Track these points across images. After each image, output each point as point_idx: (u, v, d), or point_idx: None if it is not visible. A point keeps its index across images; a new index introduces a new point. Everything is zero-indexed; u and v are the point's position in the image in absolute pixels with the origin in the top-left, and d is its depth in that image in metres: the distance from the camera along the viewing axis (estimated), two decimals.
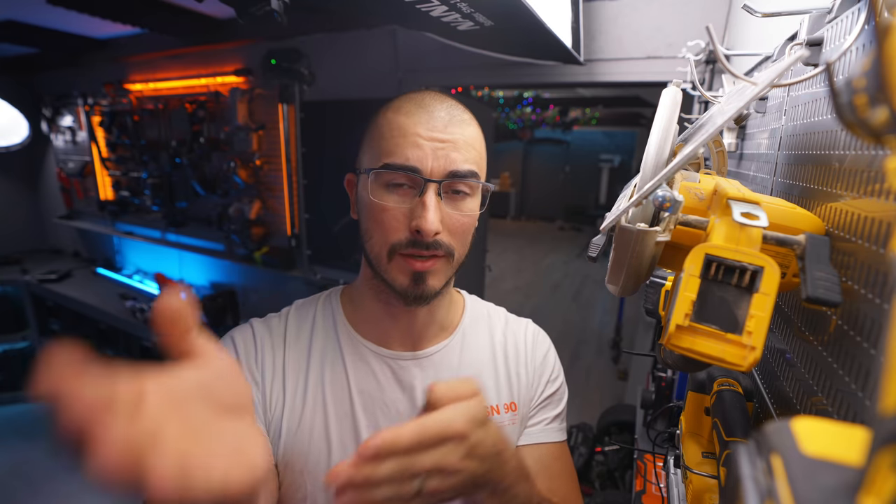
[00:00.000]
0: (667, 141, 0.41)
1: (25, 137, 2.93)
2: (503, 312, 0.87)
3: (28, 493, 2.79)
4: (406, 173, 0.62)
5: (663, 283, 0.67)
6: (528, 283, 6.72)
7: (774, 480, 0.16)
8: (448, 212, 0.64)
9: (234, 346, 0.69)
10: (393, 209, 0.63)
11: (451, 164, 0.63)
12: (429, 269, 0.65)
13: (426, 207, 0.61)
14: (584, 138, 11.22)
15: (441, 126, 0.63)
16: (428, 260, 0.64)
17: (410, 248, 0.63)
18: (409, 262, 0.64)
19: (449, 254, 0.66)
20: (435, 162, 0.62)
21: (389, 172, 0.62)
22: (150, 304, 3.12)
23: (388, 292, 0.68)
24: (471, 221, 0.67)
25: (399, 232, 0.63)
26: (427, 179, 0.62)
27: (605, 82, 1.88)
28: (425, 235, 0.61)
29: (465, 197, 0.66)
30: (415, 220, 0.61)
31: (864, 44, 0.39)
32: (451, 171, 0.63)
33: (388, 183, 0.63)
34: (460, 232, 0.66)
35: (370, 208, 0.64)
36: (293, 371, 0.70)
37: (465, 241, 0.68)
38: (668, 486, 0.74)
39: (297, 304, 0.78)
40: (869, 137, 0.20)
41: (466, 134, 0.65)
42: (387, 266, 0.65)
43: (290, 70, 2.45)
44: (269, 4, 0.86)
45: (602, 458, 2.15)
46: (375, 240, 0.65)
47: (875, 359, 0.33)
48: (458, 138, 0.64)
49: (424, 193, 0.62)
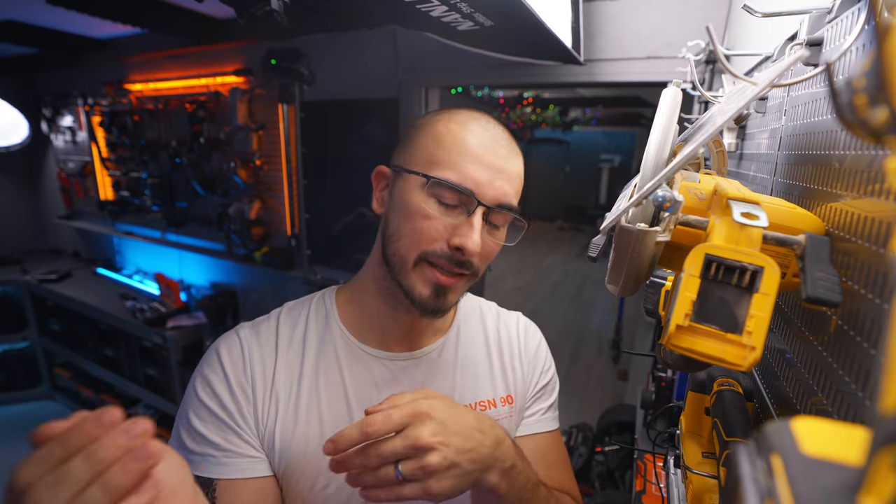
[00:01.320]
0: (667, 141, 0.41)
1: (25, 137, 2.93)
2: (494, 306, 0.89)
3: None
4: (463, 193, 0.62)
5: (663, 283, 0.67)
6: (528, 284, 6.72)
7: (774, 480, 0.16)
8: (485, 237, 0.65)
9: (220, 362, 0.67)
10: (436, 220, 0.63)
11: (502, 196, 0.64)
12: (452, 286, 0.66)
13: (473, 228, 0.62)
14: (584, 138, 11.22)
15: (503, 155, 0.65)
16: (453, 277, 0.65)
17: (443, 260, 0.63)
18: (435, 273, 0.64)
19: (474, 274, 0.67)
20: (490, 189, 0.63)
21: (445, 186, 0.62)
22: (150, 304, 3.12)
23: (399, 296, 0.68)
24: (498, 248, 0.69)
25: (436, 242, 0.63)
26: (480, 203, 0.62)
27: (605, 82, 1.88)
28: (467, 255, 0.62)
29: (501, 226, 0.68)
30: (458, 238, 0.62)
31: (864, 44, 0.39)
32: (500, 203, 0.64)
33: (440, 193, 0.63)
34: (488, 257, 0.68)
35: (410, 211, 0.64)
36: (286, 379, 0.68)
37: (486, 264, 0.70)
38: (668, 486, 0.74)
39: (287, 306, 0.76)
40: (869, 137, 0.20)
41: (519, 168, 0.68)
42: (409, 271, 0.65)
43: (290, 70, 2.45)
44: (269, 4, 0.86)
45: (602, 458, 2.14)
46: (404, 243, 0.64)
47: (875, 359, 0.33)
48: (513, 172, 0.66)
49: (473, 215, 0.62)
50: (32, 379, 3.77)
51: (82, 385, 3.55)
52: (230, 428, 0.64)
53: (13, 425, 3.44)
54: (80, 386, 3.56)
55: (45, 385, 3.78)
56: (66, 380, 3.67)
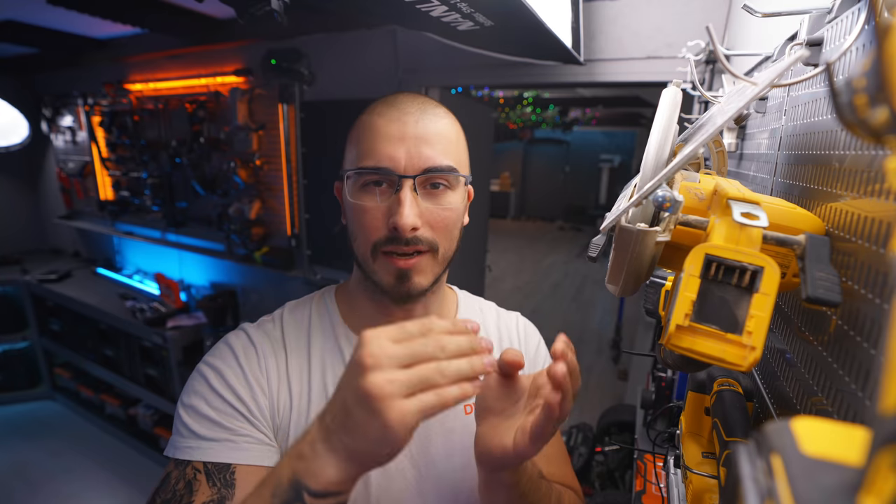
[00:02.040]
0: (667, 141, 0.41)
1: (25, 137, 2.93)
2: (493, 306, 0.89)
3: (28, 493, 2.79)
4: (380, 174, 0.63)
5: (663, 283, 0.67)
6: (528, 283, 6.73)
7: (774, 480, 0.16)
8: (427, 206, 0.64)
9: (233, 353, 0.67)
10: (372, 208, 0.64)
11: (425, 161, 0.63)
12: (412, 266, 0.65)
13: (401, 203, 0.61)
14: (584, 138, 11.23)
15: (412, 122, 0.64)
16: (412, 258, 0.65)
17: (391, 245, 0.64)
18: (392, 260, 0.65)
19: (432, 249, 0.66)
20: (408, 160, 0.62)
21: (365, 173, 0.63)
22: (150, 304, 3.12)
23: (378, 292, 0.69)
24: (453, 215, 0.67)
25: (378, 230, 0.64)
26: (400, 176, 0.62)
27: (605, 82, 1.88)
28: (402, 231, 0.62)
29: (444, 190, 0.66)
30: (392, 218, 0.62)
31: (864, 44, 0.39)
32: (426, 168, 0.63)
33: (366, 183, 0.64)
34: (442, 226, 0.66)
35: (352, 210, 0.66)
36: (296, 374, 0.69)
37: (450, 236, 0.68)
38: (668, 486, 0.74)
39: (288, 305, 0.77)
40: (869, 137, 0.20)
41: (439, 127, 0.65)
42: (373, 266, 0.66)
43: (290, 70, 2.45)
44: (269, 4, 0.86)
45: (602, 458, 2.14)
46: (360, 240, 0.66)
47: (875, 359, 0.33)
48: (430, 133, 0.64)
49: (400, 190, 0.62)
50: (32, 379, 3.77)
51: (82, 385, 3.55)
52: (246, 418, 0.63)
53: (13, 425, 3.44)
54: (80, 386, 3.56)
55: (45, 385, 3.78)
56: (66, 380, 3.67)
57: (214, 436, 0.61)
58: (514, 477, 0.58)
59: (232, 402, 0.63)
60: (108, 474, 2.97)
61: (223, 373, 0.65)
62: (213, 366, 0.66)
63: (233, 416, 0.63)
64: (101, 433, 3.40)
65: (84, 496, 2.79)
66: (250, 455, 0.61)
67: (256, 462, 0.61)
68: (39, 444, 3.23)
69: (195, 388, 0.65)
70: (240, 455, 0.61)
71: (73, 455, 3.13)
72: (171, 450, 0.62)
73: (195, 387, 0.65)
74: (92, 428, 3.45)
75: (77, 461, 3.07)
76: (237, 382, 0.65)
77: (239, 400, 0.64)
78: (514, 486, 0.59)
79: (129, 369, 3.16)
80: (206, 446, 0.60)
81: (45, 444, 3.24)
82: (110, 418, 3.41)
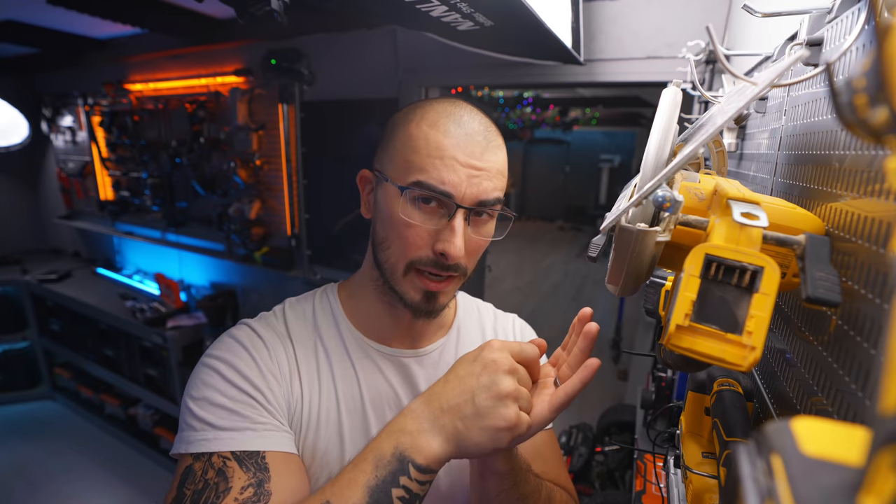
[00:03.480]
0: (667, 141, 0.41)
1: (25, 137, 2.93)
2: (490, 308, 0.91)
3: (28, 493, 2.79)
4: (439, 197, 0.61)
5: (663, 283, 0.67)
6: (527, 283, 6.72)
7: (774, 480, 0.16)
8: (469, 235, 0.64)
9: (242, 346, 0.65)
10: (419, 227, 0.63)
11: (482, 194, 0.63)
12: (443, 290, 0.66)
13: (454, 233, 0.61)
14: (584, 138, 11.23)
15: (479, 152, 0.63)
16: (444, 281, 0.65)
17: (430, 266, 0.64)
18: (423, 280, 0.65)
19: (463, 274, 0.67)
20: (468, 189, 0.62)
21: (421, 191, 0.62)
22: (150, 304, 3.12)
23: (394, 299, 0.69)
24: (487, 243, 0.68)
25: (421, 250, 0.63)
26: (458, 206, 0.61)
27: (605, 82, 1.88)
28: (450, 260, 0.62)
29: (487, 219, 0.67)
30: (440, 244, 0.62)
31: (864, 44, 0.39)
32: (481, 201, 0.63)
33: (417, 200, 0.63)
34: (476, 252, 0.67)
35: (394, 221, 0.64)
36: (305, 366, 0.69)
37: (476, 260, 0.70)
38: (668, 486, 0.74)
39: (288, 301, 0.77)
40: (869, 137, 0.20)
41: (499, 161, 0.66)
42: (401, 279, 0.66)
43: (290, 70, 2.45)
44: (269, 4, 0.86)
45: (602, 458, 2.14)
46: (393, 251, 0.65)
47: (875, 359, 0.33)
48: (492, 167, 0.64)
49: (454, 218, 0.62)
50: (32, 379, 3.77)
51: (82, 385, 3.55)
52: (263, 406, 0.62)
53: (13, 425, 3.44)
54: (80, 386, 3.56)
55: (45, 385, 3.78)
56: (66, 380, 3.67)
57: (234, 425, 0.59)
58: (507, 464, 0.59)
59: (248, 391, 0.61)
60: (108, 474, 2.97)
61: (234, 363, 0.63)
62: (221, 358, 0.64)
63: (250, 405, 0.61)
64: (101, 433, 3.39)
65: (84, 496, 2.79)
66: (273, 442, 0.59)
67: (281, 448, 0.60)
68: (39, 444, 3.23)
69: (204, 380, 0.62)
70: (262, 442, 0.59)
71: (73, 455, 3.13)
72: (184, 445, 0.58)
73: (204, 379, 0.62)
74: (92, 428, 3.45)
75: (77, 461, 3.07)
76: (250, 372, 0.63)
77: (255, 388, 0.62)
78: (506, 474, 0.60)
79: (129, 369, 3.16)
80: (225, 436, 0.58)
81: (45, 444, 3.24)
82: (110, 418, 3.41)
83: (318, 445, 0.66)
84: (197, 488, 0.55)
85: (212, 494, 0.54)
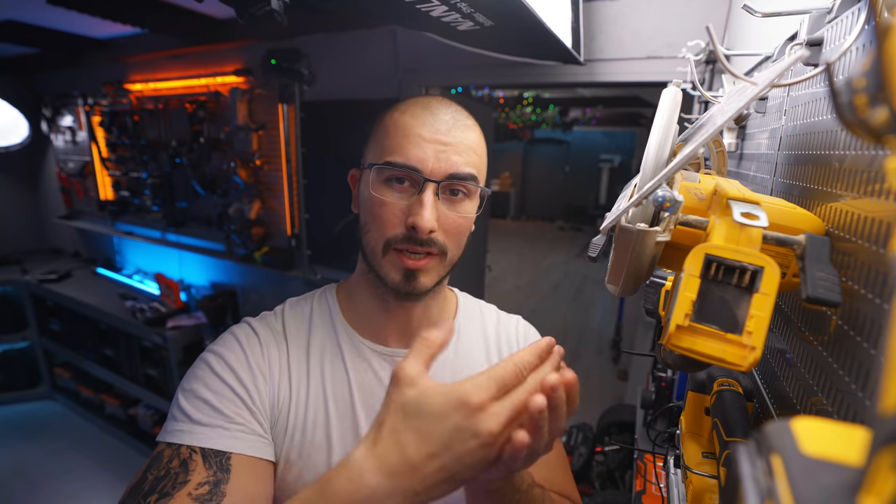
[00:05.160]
0: (667, 141, 0.41)
1: (25, 137, 2.93)
2: (494, 309, 0.89)
3: (28, 493, 2.79)
4: (406, 171, 0.64)
5: (663, 283, 0.67)
6: (527, 283, 6.72)
7: (774, 480, 0.16)
8: (445, 212, 0.66)
9: (237, 341, 0.68)
10: (391, 204, 0.65)
11: (451, 167, 0.64)
12: (422, 268, 0.66)
13: (423, 205, 0.63)
14: (584, 138, 11.22)
15: (444, 129, 0.65)
16: (422, 258, 0.66)
17: (405, 243, 0.65)
18: (402, 258, 0.66)
19: (442, 252, 0.67)
20: (436, 163, 0.64)
21: (390, 169, 0.64)
22: (150, 304, 3.12)
23: (381, 287, 0.70)
24: (466, 223, 0.69)
25: (395, 227, 0.65)
26: (426, 179, 0.63)
27: (605, 82, 1.88)
28: (420, 232, 0.63)
29: (462, 199, 0.68)
30: (411, 217, 0.63)
31: (864, 44, 0.39)
32: (450, 174, 0.65)
33: (389, 179, 0.65)
34: (455, 233, 0.68)
35: (370, 202, 0.66)
36: (296, 367, 0.70)
37: (459, 242, 0.70)
38: (668, 486, 0.74)
39: (289, 302, 0.78)
40: (869, 137, 0.20)
41: (468, 138, 0.67)
42: (381, 260, 0.67)
43: (290, 70, 2.45)
44: (269, 4, 0.86)
45: (602, 458, 2.14)
46: (372, 233, 0.67)
47: (875, 359, 0.33)
48: (459, 142, 0.66)
49: (423, 192, 0.63)
50: (32, 379, 3.77)
51: (82, 385, 3.55)
52: (245, 403, 0.63)
53: (13, 425, 3.44)
54: (80, 386, 3.56)
55: (45, 385, 3.78)
56: (66, 380, 3.67)
57: (209, 421, 0.60)
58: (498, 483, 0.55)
59: (233, 386, 0.63)
60: (108, 474, 2.97)
61: (225, 357, 0.65)
62: (215, 352, 0.66)
63: (231, 401, 0.62)
64: (101, 433, 3.40)
65: (84, 496, 2.79)
66: (242, 444, 0.61)
67: (248, 452, 0.61)
68: (39, 444, 3.23)
69: (196, 373, 0.65)
70: (231, 443, 0.60)
71: (73, 455, 3.13)
72: (163, 434, 0.61)
73: (196, 372, 0.65)
74: (92, 428, 3.45)
75: (77, 461, 3.07)
76: (239, 366, 0.65)
77: (240, 383, 0.64)
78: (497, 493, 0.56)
79: (129, 369, 3.16)
80: (198, 431, 0.59)
81: (45, 444, 3.24)
82: (110, 418, 3.41)
83: (304, 445, 0.66)
84: (158, 475, 0.57)
85: (169, 483, 0.55)
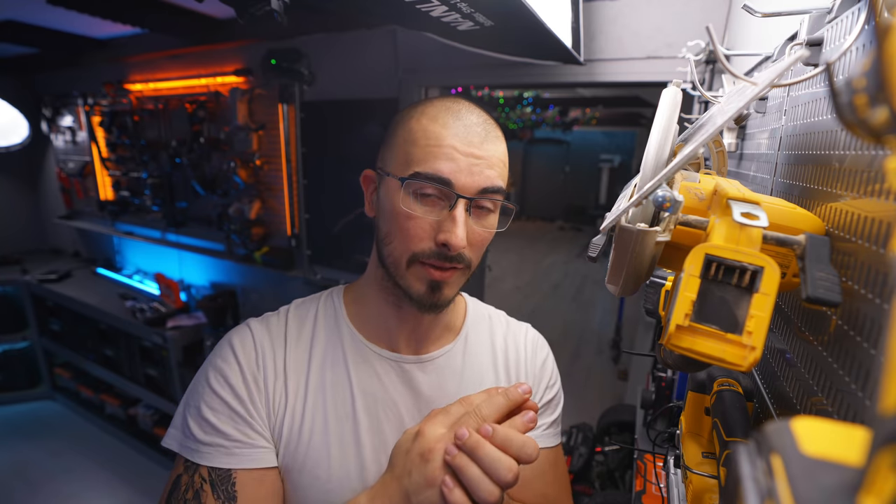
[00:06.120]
0: (667, 141, 0.41)
1: (25, 137, 2.93)
2: (503, 316, 0.88)
3: (28, 493, 2.79)
4: (438, 186, 0.61)
5: (663, 283, 0.67)
6: (527, 283, 6.72)
7: (774, 480, 0.16)
8: (473, 227, 0.64)
9: (232, 351, 0.67)
10: (420, 219, 0.62)
11: (484, 181, 0.63)
12: (447, 279, 0.65)
13: (456, 223, 0.61)
14: (584, 138, 11.23)
15: (478, 142, 0.63)
16: (448, 271, 0.65)
17: (433, 258, 0.63)
18: (428, 270, 0.64)
19: (467, 266, 0.67)
20: (468, 177, 0.62)
21: (420, 182, 0.61)
22: (150, 304, 3.12)
23: (400, 296, 0.69)
24: (490, 236, 0.68)
25: (423, 242, 0.63)
26: (459, 195, 0.61)
27: (605, 82, 1.88)
28: (452, 250, 0.61)
29: (489, 212, 0.66)
30: (443, 234, 0.62)
31: (864, 44, 0.39)
32: (483, 188, 0.63)
33: (418, 191, 0.62)
34: (480, 245, 0.67)
35: (395, 214, 0.64)
36: (294, 372, 0.69)
37: (481, 254, 0.69)
38: (668, 486, 0.74)
39: (295, 303, 0.77)
40: (869, 137, 0.20)
41: (499, 151, 0.66)
42: (405, 272, 0.65)
43: (290, 70, 2.45)
44: (269, 4, 0.86)
45: (602, 458, 2.14)
46: (396, 245, 0.65)
47: (875, 359, 0.33)
48: (492, 155, 0.64)
49: (455, 208, 0.61)
50: (32, 379, 3.77)
51: (82, 385, 3.55)
52: (242, 418, 0.64)
53: (13, 425, 3.44)
54: (80, 386, 3.56)
55: (45, 385, 3.78)
56: (66, 380, 3.67)
57: (211, 440, 0.62)
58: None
59: (230, 403, 0.64)
60: (108, 474, 2.97)
61: (223, 371, 0.66)
62: (214, 365, 0.67)
63: (228, 419, 0.63)
64: (101, 433, 3.39)
65: (84, 496, 2.79)
66: (245, 459, 0.62)
67: (250, 465, 0.62)
68: (39, 444, 3.23)
69: (196, 388, 0.66)
70: (236, 461, 0.62)
71: (73, 455, 3.13)
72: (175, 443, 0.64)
73: (196, 388, 0.66)
74: (92, 428, 3.45)
75: (77, 461, 3.07)
76: (236, 380, 0.65)
77: (237, 398, 0.64)
78: None
79: (129, 369, 3.16)
80: (204, 451, 0.62)
81: (45, 444, 3.24)
82: (110, 418, 3.41)
83: (298, 452, 0.65)
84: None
85: None
